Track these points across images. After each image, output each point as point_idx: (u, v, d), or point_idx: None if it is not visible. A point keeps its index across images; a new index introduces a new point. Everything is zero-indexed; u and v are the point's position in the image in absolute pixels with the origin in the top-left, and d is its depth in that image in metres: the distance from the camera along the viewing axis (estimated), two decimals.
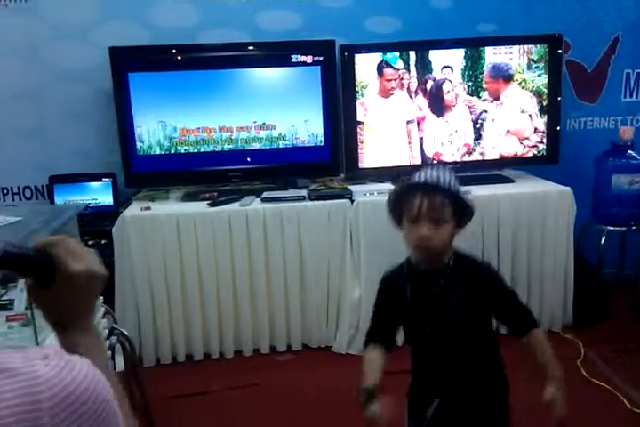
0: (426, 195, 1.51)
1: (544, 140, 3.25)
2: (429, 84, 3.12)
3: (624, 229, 3.31)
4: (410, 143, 3.17)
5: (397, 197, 1.58)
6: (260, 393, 2.70)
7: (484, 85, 3.16)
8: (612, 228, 3.30)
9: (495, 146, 3.23)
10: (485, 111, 3.18)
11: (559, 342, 3.01)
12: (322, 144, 3.17)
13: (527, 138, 3.24)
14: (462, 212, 1.55)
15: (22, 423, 0.48)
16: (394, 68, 3.08)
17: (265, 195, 3.00)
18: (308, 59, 3.09)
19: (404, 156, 3.18)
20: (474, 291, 1.55)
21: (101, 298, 2.21)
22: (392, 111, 3.13)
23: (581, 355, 2.88)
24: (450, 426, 1.61)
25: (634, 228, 3.30)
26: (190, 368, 2.93)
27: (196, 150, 3.09)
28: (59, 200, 3.10)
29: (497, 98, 3.19)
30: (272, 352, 3.04)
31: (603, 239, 3.28)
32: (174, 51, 3.00)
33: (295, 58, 3.08)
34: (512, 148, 3.24)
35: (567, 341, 3.03)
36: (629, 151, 3.24)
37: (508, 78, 3.18)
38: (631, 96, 3.58)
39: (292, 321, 3.00)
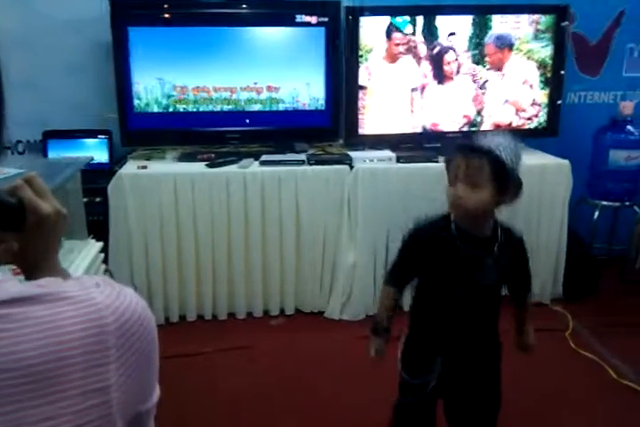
0: (467, 157, 1.51)
1: (539, 114, 3.23)
2: (435, 51, 3.07)
3: (617, 204, 3.34)
4: (412, 111, 3.13)
5: (448, 158, 1.61)
6: (252, 356, 2.70)
7: (486, 56, 3.12)
8: (605, 203, 3.32)
9: (491, 115, 3.20)
10: (488, 81, 3.15)
11: (548, 315, 3.06)
12: (323, 108, 3.12)
13: (524, 110, 3.22)
14: (504, 180, 1.51)
15: (93, 346, 0.51)
16: (402, 33, 3.02)
17: (264, 157, 2.96)
18: (313, 19, 3.01)
19: (406, 123, 3.14)
20: (509, 260, 1.61)
21: (102, 255, 2.19)
22: (397, 77, 3.07)
23: (569, 327, 2.92)
24: (453, 383, 1.67)
25: (627, 203, 3.33)
26: (183, 329, 2.92)
27: (194, 110, 3.02)
28: (52, 156, 3.02)
29: (499, 69, 3.15)
30: (265, 316, 3.05)
31: (596, 214, 3.31)
32: (177, 5, 2.90)
33: (299, 18, 3.00)
34: (507, 117, 3.22)
35: (556, 313, 3.07)
36: (628, 127, 3.23)
37: (511, 47, 3.13)
38: (633, 71, 3.57)
39: (286, 285, 3.00)
